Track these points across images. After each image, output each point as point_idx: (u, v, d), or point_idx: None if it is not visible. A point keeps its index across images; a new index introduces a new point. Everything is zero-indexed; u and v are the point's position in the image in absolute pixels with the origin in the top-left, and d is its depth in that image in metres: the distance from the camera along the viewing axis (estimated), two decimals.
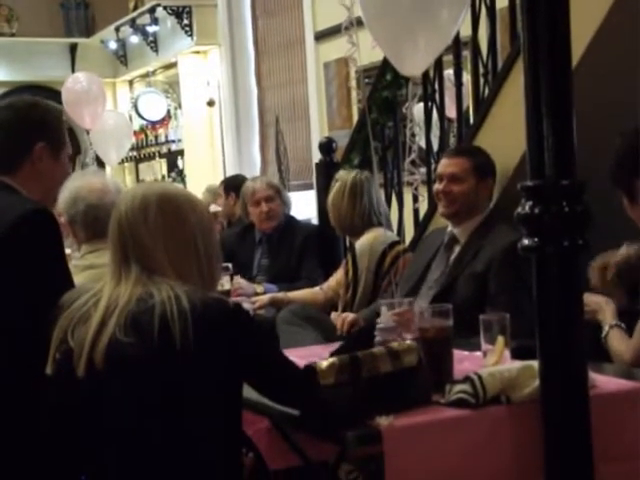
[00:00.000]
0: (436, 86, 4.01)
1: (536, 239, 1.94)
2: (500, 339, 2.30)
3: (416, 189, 3.43)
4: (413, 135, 2.91)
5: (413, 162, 3.04)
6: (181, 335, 1.81)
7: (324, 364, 1.97)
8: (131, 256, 1.95)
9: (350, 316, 3.41)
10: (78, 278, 2.37)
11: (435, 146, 4.16)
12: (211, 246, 2.02)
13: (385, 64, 4.08)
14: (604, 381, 2.18)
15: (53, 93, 7.48)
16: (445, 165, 3.34)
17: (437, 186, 3.36)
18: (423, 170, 4.02)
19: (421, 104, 4.16)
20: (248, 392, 2.01)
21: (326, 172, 4.44)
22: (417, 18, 2.83)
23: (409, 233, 4.25)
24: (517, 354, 2.27)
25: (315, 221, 4.83)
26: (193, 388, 1.85)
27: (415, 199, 3.86)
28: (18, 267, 2.07)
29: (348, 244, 4.40)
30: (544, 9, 1.82)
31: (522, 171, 2.02)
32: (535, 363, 2.05)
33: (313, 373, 1.95)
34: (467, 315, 2.43)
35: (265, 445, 2.56)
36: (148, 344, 1.83)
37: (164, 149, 9.26)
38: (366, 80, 5.00)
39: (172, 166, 9.15)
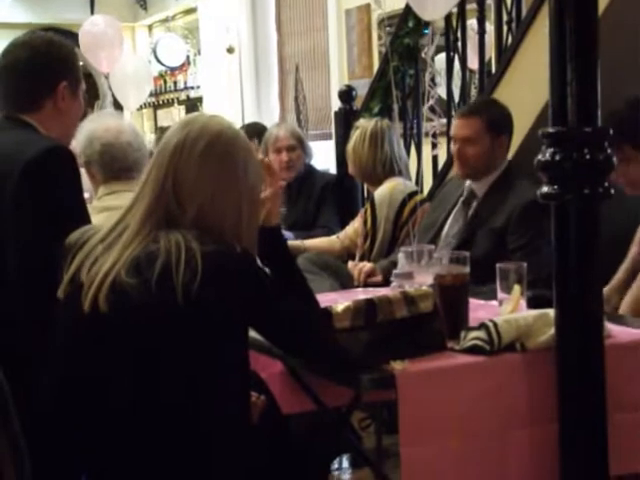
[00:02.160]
0: (459, 35, 3.97)
1: (556, 186, 1.93)
2: (516, 288, 2.29)
3: (434, 135, 3.41)
4: (432, 80, 2.87)
5: (432, 108, 3.01)
6: (183, 287, 1.77)
7: (340, 307, 1.97)
8: (167, 188, 1.88)
9: (367, 266, 3.40)
10: (95, 219, 2.37)
11: (456, 97, 4.13)
12: (255, 206, 1.96)
13: (407, 11, 4.04)
14: (620, 331, 2.18)
15: (71, 35, 7.43)
16: (458, 127, 3.28)
17: (453, 147, 3.33)
18: (444, 121, 4.00)
19: (443, 54, 4.12)
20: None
21: (345, 120, 4.42)
22: None
23: (427, 183, 4.24)
24: (533, 303, 2.27)
25: (333, 171, 4.81)
26: (193, 336, 1.82)
27: (434, 146, 3.84)
28: (35, 203, 2.07)
29: (366, 193, 4.39)
30: None
31: (543, 121, 1.99)
32: (551, 311, 2.05)
33: (328, 316, 1.95)
34: (485, 269, 2.42)
35: (279, 389, 2.58)
36: (147, 289, 1.81)
37: (183, 96, 9.21)
38: (387, 28, 4.95)
39: (191, 113, 9.11)
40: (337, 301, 2.05)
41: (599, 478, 1.98)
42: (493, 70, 3.88)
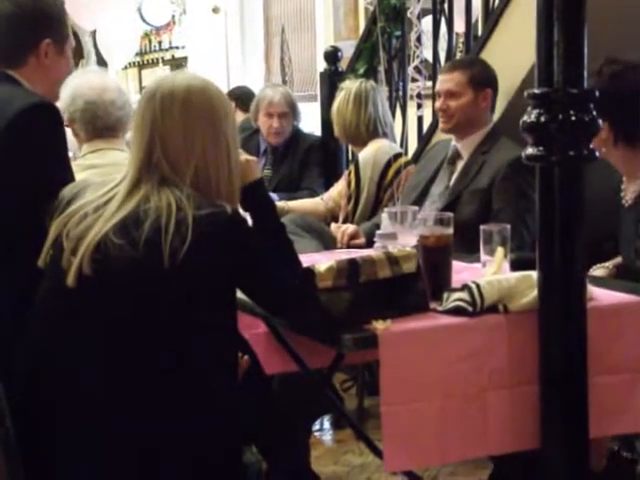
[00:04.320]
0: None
1: (541, 148, 1.92)
2: (500, 250, 2.29)
3: (419, 96, 3.39)
4: (418, 40, 2.85)
5: (417, 69, 3.00)
6: (171, 250, 1.77)
7: (322, 267, 1.97)
8: (155, 160, 1.88)
9: (350, 227, 3.40)
10: (79, 177, 2.35)
11: (442, 60, 4.11)
12: (236, 154, 1.96)
13: None
14: (603, 294, 2.18)
15: None
16: (441, 81, 3.31)
17: (437, 103, 3.33)
18: (429, 83, 3.99)
19: (430, 17, 4.09)
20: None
21: (331, 81, 4.39)
22: None
23: (412, 146, 4.23)
24: (517, 266, 2.27)
25: (318, 132, 4.80)
26: (179, 300, 1.82)
27: (419, 107, 3.82)
28: (19, 158, 2.05)
29: (351, 155, 4.38)
30: None
31: (530, 84, 1.98)
32: (534, 273, 2.05)
33: (311, 275, 1.95)
34: (471, 231, 2.42)
35: (262, 349, 2.58)
36: (134, 250, 1.80)
37: (168, 55, 9.12)
38: None
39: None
40: (320, 261, 2.05)
41: (579, 440, 2.00)
42: (480, 33, 3.87)
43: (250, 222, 2.00)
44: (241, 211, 1.98)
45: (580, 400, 2.00)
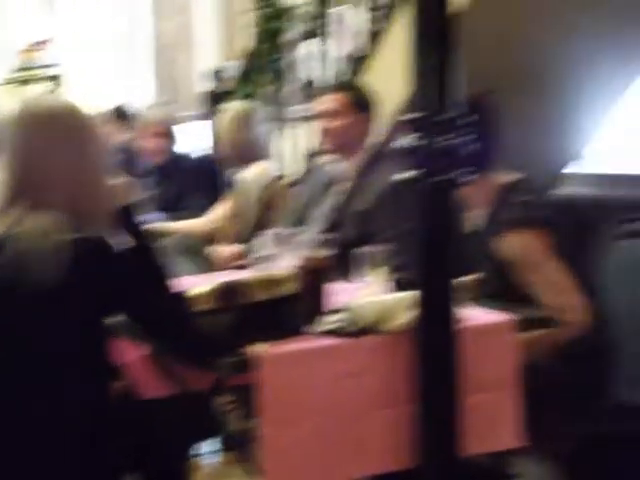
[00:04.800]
0: (325, 22, 4.00)
1: (415, 172, 1.96)
2: (377, 272, 2.33)
3: (302, 118, 3.43)
4: (296, 66, 2.89)
5: (298, 92, 3.03)
6: (39, 276, 1.74)
7: (200, 290, 1.96)
8: (24, 184, 1.84)
9: (232, 249, 3.40)
10: None
11: (322, 81, 4.16)
12: (104, 177, 1.93)
13: None
14: (476, 314, 2.24)
15: None
16: (324, 102, 3.35)
17: (318, 123, 3.37)
18: (311, 106, 4.02)
19: (311, 40, 4.14)
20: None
21: (214, 102, 4.39)
22: None
23: (296, 167, 4.26)
24: (395, 287, 2.31)
25: (203, 152, 4.78)
26: (52, 323, 1.79)
27: (301, 128, 3.86)
28: None
29: (235, 176, 4.38)
30: None
31: (410, 107, 2.02)
32: (411, 294, 2.08)
33: (187, 298, 1.93)
34: (352, 252, 2.45)
35: (139, 373, 2.53)
36: (2, 274, 1.76)
37: (45, 72, 8.93)
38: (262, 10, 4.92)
39: (53, 89, 8.84)
40: (201, 283, 2.04)
41: (451, 458, 2.04)
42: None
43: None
44: None
45: (453, 419, 2.04)
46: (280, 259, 2.32)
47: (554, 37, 3.66)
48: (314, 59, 4.08)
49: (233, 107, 3.83)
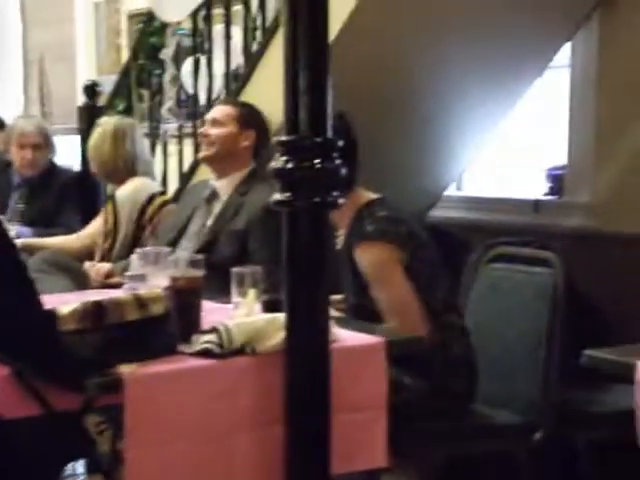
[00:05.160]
0: (206, 39, 4.00)
1: (288, 194, 1.97)
2: (251, 292, 2.33)
3: (180, 135, 3.41)
4: (174, 81, 2.88)
5: (172, 110, 3.02)
6: None
7: (66, 309, 1.92)
8: None
9: (105, 267, 3.35)
10: None
11: (203, 99, 4.15)
12: None
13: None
14: (346, 335, 2.26)
15: None
16: (212, 111, 3.40)
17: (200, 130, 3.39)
18: (189, 123, 4.01)
19: (195, 56, 4.12)
20: None
21: (90, 116, 4.31)
22: None
23: (174, 184, 4.23)
24: (268, 308, 2.31)
25: (77, 167, 4.69)
26: None
27: (179, 145, 3.84)
28: None
29: (110, 192, 4.31)
30: None
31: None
32: (282, 316, 2.09)
33: (53, 317, 1.89)
34: (228, 271, 2.45)
35: (2, 392, 2.46)
36: None
37: None
38: (140, 25, 4.88)
39: None
40: (70, 301, 2.00)
41: (322, 478, 2.05)
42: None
43: None
44: None
45: (323, 438, 2.05)
46: (152, 278, 2.29)
47: (431, 61, 3.75)
48: (198, 75, 4.06)
49: (106, 122, 3.78)
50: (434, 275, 2.79)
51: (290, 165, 1.94)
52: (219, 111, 3.34)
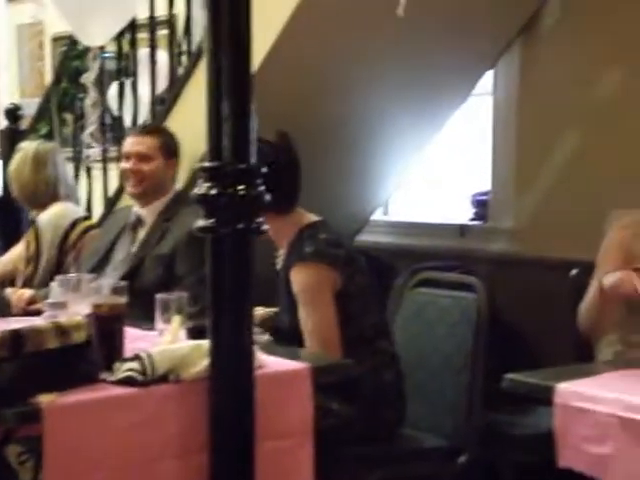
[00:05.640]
0: (131, 62, 3.98)
1: (212, 220, 1.97)
2: (176, 318, 2.31)
3: (104, 159, 3.37)
4: (96, 106, 2.85)
5: (94, 134, 2.99)
6: None
7: None
8: None
9: (27, 293, 3.28)
10: None
11: (128, 122, 4.12)
12: None
13: None
14: (272, 362, 2.25)
15: None
16: (133, 144, 3.31)
17: (124, 165, 3.32)
18: (114, 148, 3.97)
19: (120, 80, 4.09)
20: None
21: (11, 140, 4.25)
22: None
23: (98, 209, 4.18)
24: (193, 334, 2.29)
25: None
26: None
27: (106, 173, 3.80)
28: None
29: (33, 217, 4.24)
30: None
31: None
32: (206, 342, 2.08)
33: None
34: (154, 297, 2.42)
35: None
36: None
37: None
38: (63, 48, 4.83)
39: None
40: None
41: None
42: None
43: None
44: None
45: (249, 465, 2.04)
46: (74, 305, 2.25)
47: (356, 88, 3.78)
48: (123, 99, 4.03)
49: (28, 146, 3.73)
50: (368, 301, 2.80)
51: (213, 191, 1.94)
52: (143, 144, 3.28)
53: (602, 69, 3.90)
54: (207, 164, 1.95)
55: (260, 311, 2.90)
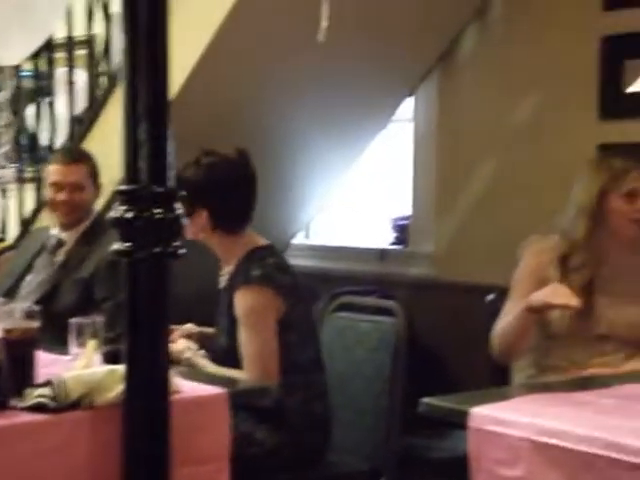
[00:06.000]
0: (49, 82, 3.93)
1: (128, 244, 1.94)
2: (91, 343, 2.28)
3: (20, 180, 3.30)
4: (10, 126, 2.81)
5: (6, 155, 2.94)
6: None
7: None
8: None
9: None
10: None
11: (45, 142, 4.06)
12: None
13: None
14: (189, 386, 2.23)
15: None
16: (64, 174, 3.25)
17: (55, 196, 3.25)
18: (30, 168, 3.91)
19: (39, 100, 4.03)
20: None
21: None
22: (12, 12, 2.77)
23: (13, 231, 4.10)
24: (108, 359, 2.26)
25: None
26: None
27: (20, 194, 3.73)
28: None
29: None
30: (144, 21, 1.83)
31: None
32: (121, 367, 2.04)
33: None
34: (69, 322, 2.38)
35: None
36: None
37: None
38: None
39: None
40: None
41: None
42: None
43: None
44: None
45: None
46: None
47: (276, 112, 3.80)
48: (40, 119, 3.97)
49: None
50: (307, 333, 2.79)
51: (129, 215, 1.91)
52: (74, 174, 3.23)
53: (517, 97, 3.99)
54: (123, 187, 1.93)
55: (194, 330, 2.89)
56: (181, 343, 2.79)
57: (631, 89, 3.58)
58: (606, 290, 3.01)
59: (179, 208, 1.95)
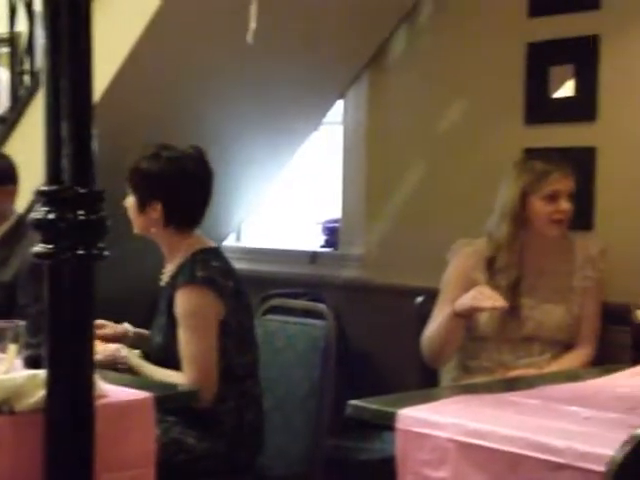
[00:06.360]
0: None
1: (50, 246, 1.90)
2: (12, 347, 2.23)
3: None
4: None
5: None
6: None
7: None
8: None
9: None
10: None
11: None
12: None
13: None
14: (115, 391, 2.19)
15: None
16: None
17: None
18: None
19: None
20: None
21: None
22: None
23: None
24: (29, 364, 2.21)
25: None
26: None
27: None
28: None
29: None
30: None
31: None
32: (43, 372, 2.00)
33: None
34: None
35: None
36: None
37: None
38: None
39: None
40: None
41: None
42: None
43: None
44: None
45: None
46: None
47: (208, 114, 3.77)
48: None
49: None
50: (245, 340, 2.77)
51: (51, 216, 1.87)
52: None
53: (446, 101, 4.02)
54: (45, 188, 1.88)
55: (131, 330, 2.86)
56: (113, 345, 2.76)
57: (556, 95, 3.63)
58: (532, 292, 3.06)
59: (103, 209, 1.91)
